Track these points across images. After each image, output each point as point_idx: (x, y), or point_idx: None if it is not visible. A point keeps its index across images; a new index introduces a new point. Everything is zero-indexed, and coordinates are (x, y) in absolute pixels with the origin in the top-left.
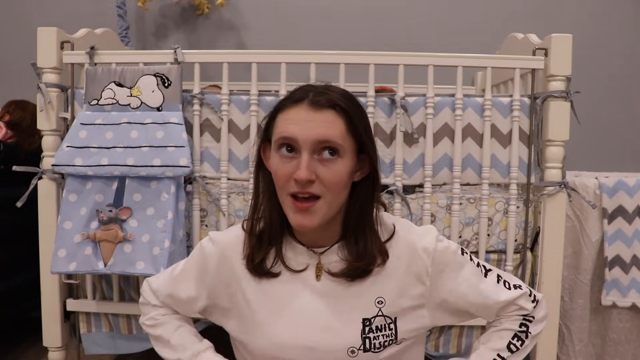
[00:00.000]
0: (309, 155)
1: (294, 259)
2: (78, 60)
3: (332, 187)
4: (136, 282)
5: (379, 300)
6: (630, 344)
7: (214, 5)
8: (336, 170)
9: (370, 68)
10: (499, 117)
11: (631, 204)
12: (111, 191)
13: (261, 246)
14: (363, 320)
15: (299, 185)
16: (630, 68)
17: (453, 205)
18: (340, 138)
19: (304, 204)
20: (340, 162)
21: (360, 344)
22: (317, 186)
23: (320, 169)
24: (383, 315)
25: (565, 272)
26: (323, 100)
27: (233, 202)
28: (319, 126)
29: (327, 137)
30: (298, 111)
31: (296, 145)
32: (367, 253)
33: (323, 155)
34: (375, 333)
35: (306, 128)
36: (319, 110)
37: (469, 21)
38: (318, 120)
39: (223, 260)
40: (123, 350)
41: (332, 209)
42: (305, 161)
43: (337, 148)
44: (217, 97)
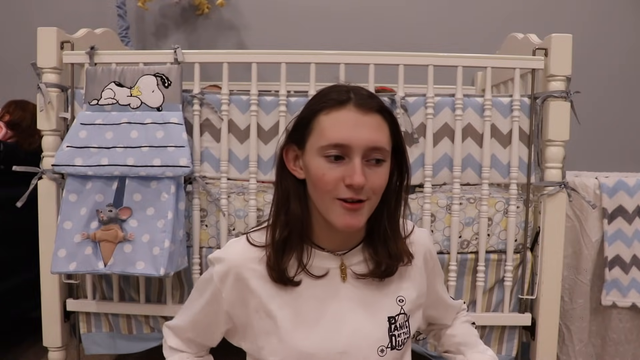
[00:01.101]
0: (358, 161)
1: (316, 265)
2: (78, 60)
3: (378, 191)
4: (136, 282)
5: (400, 299)
6: (630, 344)
7: (214, 5)
8: (382, 175)
9: (370, 68)
10: (499, 117)
11: (631, 204)
12: (111, 191)
13: (284, 252)
14: (388, 319)
15: (353, 191)
16: (630, 68)
17: (453, 205)
18: (386, 143)
19: (354, 205)
20: (385, 166)
21: (388, 342)
22: (366, 190)
23: (368, 173)
24: (404, 313)
25: (565, 272)
26: (372, 104)
27: (233, 202)
28: (370, 131)
29: (378, 142)
30: (346, 114)
31: (348, 150)
32: (397, 253)
33: (372, 160)
34: (399, 330)
35: (358, 132)
36: (367, 113)
37: (469, 21)
38: (368, 124)
39: (235, 281)
40: (123, 350)
41: (372, 211)
42: (357, 167)
43: (384, 154)
44: (217, 97)
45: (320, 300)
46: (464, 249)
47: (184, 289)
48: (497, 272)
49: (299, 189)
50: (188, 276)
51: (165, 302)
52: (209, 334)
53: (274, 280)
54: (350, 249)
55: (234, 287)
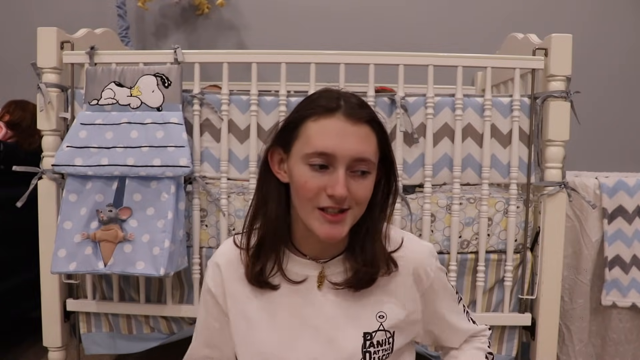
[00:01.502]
0: (343, 172)
1: (294, 271)
2: (78, 60)
3: (362, 201)
4: (136, 282)
5: (380, 315)
6: (630, 344)
7: (214, 5)
8: (366, 186)
9: (370, 68)
10: (499, 117)
11: (631, 204)
12: (111, 191)
13: (260, 254)
14: (364, 335)
15: (334, 201)
16: (630, 68)
17: (453, 205)
18: (373, 154)
19: (335, 216)
20: (369, 178)
21: (360, 358)
22: (348, 201)
23: (352, 184)
24: (384, 330)
25: (565, 272)
26: (362, 114)
27: (233, 202)
28: (357, 142)
29: (363, 154)
30: (334, 123)
31: (332, 160)
32: (373, 260)
33: (356, 172)
34: (376, 347)
35: (344, 143)
36: (356, 124)
37: (469, 21)
38: (356, 135)
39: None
40: (123, 350)
41: (355, 221)
42: (341, 178)
43: (370, 166)
44: (217, 97)
45: (296, 308)
46: (464, 249)
47: (184, 289)
48: (497, 272)
49: (280, 192)
50: (188, 276)
51: (165, 302)
52: (222, 342)
53: (250, 282)
54: (332, 258)
55: (219, 284)
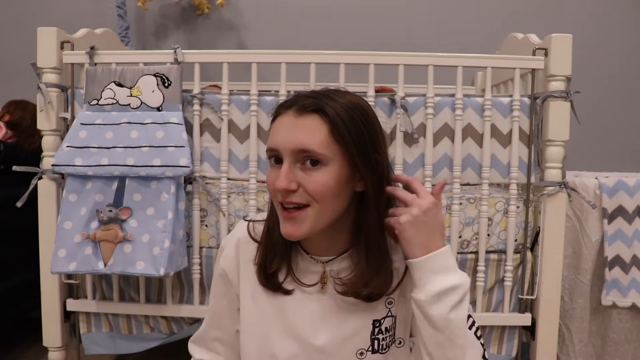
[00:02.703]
0: (288, 165)
1: (303, 269)
2: (78, 60)
3: (317, 195)
4: (136, 282)
5: (389, 301)
6: (630, 344)
7: (214, 5)
8: (319, 179)
9: (370, 68)
10: (499, 117)
11: (631, 204)
12: (111, 191)
13: (274, 256)
14: (373, 322)
15: (282, 195)
16: (630, 68)
17: (453, 205)
18: (321, 146)
19: (291, 213)
20: (325, 171)
21: (369, 345)
22: (300, 195)
23: (302, 177)
24: (392, 316)
25: (565, 272)
26: (308, 104)
27: (233, 202)
28: (299, 134)
29: (305, 145)
30: (284, 118)
31: (279, 154)
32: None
33: (305, 164)
34: (384, 334)
35: (287, 136)
36: (302, 115)
37: (469, 21)
38: (300, 127)
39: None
40: (123, 350)
41: (324, 218)
42: (283, 170)
43: (319, 157)
44: (217, 97)
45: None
46: (464, 249)
47: (184, 289)
48: (497, 272)
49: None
50: (188, 276)
51: (165, 302)
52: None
53: (263, 285)
54: (337, 256)
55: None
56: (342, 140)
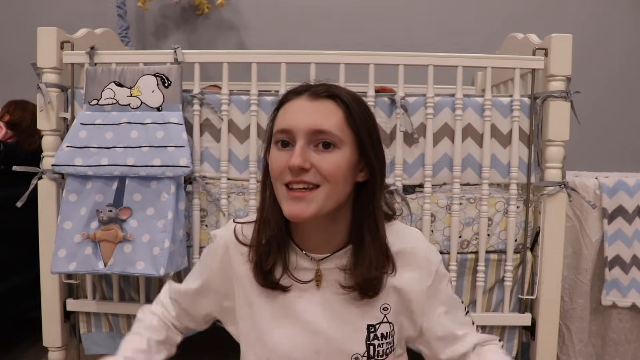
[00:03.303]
0: (303, 143)
1: (297, 266)
2: (78, 60)
3: (330, 176)
4: (136, 282)
5: (385, 307)
6: (630, 344)
7: (214, 5)
8: (332, 160)
9: (370, 68)
10: (499, 117)
11: (631, 204)
12: (111, 191)
13: (269, 252)
14: (368, 327)
15: (293, 174)
16: (630, 68)
17: (453, 205)
18: (337, 128)
19: (299, 193)
20: (338, 153)
21: (365, 351)
22: (312, 175)
23: (315, 157)
24: (388, 322)
25: (565, 272)
26: (322, 90)
27: (233, 202)
28: (316, 115)
29: (321, 125)
30: (297, 102)
31: (292, 135)
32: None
33: (319, 146)
34: (380, 340)
35: (302, 117)
36: (317, 99)
37: (469, 21)
38: (315, 109)
39: (226, 256)
40: None
41: (330, 202)
42: (299, 148)
43: (334, 139)
44: (217, 97)
45: (297, 301)
46: (464, 249)
47: None
48: (497, 272)
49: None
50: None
51: None
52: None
53: (260, 284)
54: (332, 254)
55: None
56: (355, 126)
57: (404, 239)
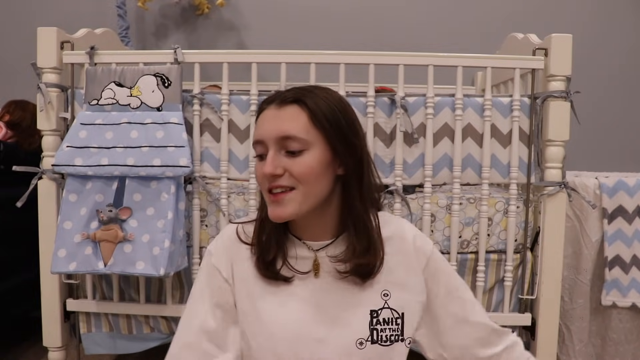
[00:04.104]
0: (273, 152)
1: (296, 256)
2: (78, 60)
3: (303, 178)
4: (136, 282)
5: (385, 293)
6: (630, 344)
7: (214, 5)
8: (303, 162)
9: (370, 68)
10: (499, 117)
11: (631, 204)
12: (111, 191)
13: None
14: (370, 312)
15: (269, 180)
16: (630, 68)
17: (453, 205)
18: (302, 131)
19: (277, 196)
20: (308, 155)
21: (368, 335)
22: (287, 178)
23: (286, 162)
24: (390, 308)
25: (565, 272)
26: (288, 96)
27: (233, 202)
28: (280, 122)
29: (287, 132)
30: (267, 113)
31: (264, 145)
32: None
33: (288, 149)
34: (383, 325)
35: (270, 126)
36: (283, 106)
37: (469, 21)
38: (280, 116)
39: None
40: (123, 350)
41: (309, 201)
42: (269, 157)
43: (300, 142)
44: (217, 97)
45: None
46: (464, 249)
47: (184, 289)
48: (497, 272)
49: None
50: (188, 276)
51: (165, 302)
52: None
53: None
54: (329, 244)
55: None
56: (321, 125)
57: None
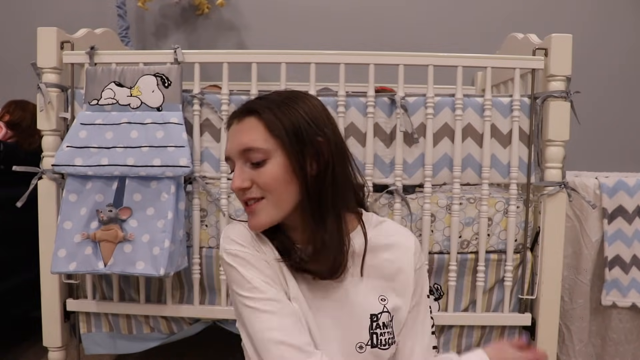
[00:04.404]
0: (239, 166)
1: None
2: (78, 60)
3: (269, 187)
4: (136, 282)
5: (382, 298)
6: (630, 344)
7: (214, 5)
8: (267, 172)
9: (370, 68)
10: (499, 117)
11: (631, 204)
12: (111, 191)
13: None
14: (371, 316)
15: (240, 194)
16: (630, 68)
17: (453, 205)
18: (260, 141)
19: (250, 207)
20: (271, 163)
21: (368, 340)
22: (255, 190)
23: (253, 174)
24: (388, 312)
25: (565, 272)
26: (243, 110)
27: (233, 202)
28: (240, 136)
29: (246, 144)
30: (231, 128)
31: (232, 161)
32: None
33: (252, 162)
34: (382, 329)
35: (232, 142)
36: (241, 120)
37: (469, 21)
38: (239, 130)
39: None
40: (123, 350)
41: (282, 207)
42: (235, 171)
43: (261, 152)
44: (217, 97)
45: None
46: (464, 249)
47: (184, 289)
48: (497, 272)
49: None
50: (188, 276)
51: (165, 302)
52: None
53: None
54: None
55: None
56: (278, 133)
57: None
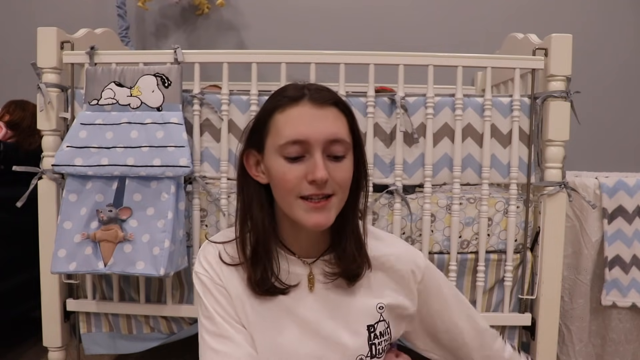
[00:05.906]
0: (319, 156)
1: (288, 272)
2: (78, 60)
3: (343, 184)
4: (136, 282)
5: (380, 306)
6: (630, 344)
7: (214, 5)
8: (346, 168)
9: (370, 68)
10: (499, 117)
11: (631, 204)
12: (111, 191)
13: (258, 261)
14: (368, 327)
15: (317, 187)
16: (630, 68)
17: (453, 205)
18: (346, 135)
19: (320, 203)
20: (347, 160)
21: (368, 351)
22: (330, 185)
23: (331, 167)
24: (384, 321)
25: (565, 272)
26: (327, 97)
27: (233, 202)
28: (328, 123)
29: (337, 135)
30: (301, 110)
31: (307, 146)
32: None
33: (333, 153)
34: (379, 338)
35: (315, 126)
36: (322, 107)
37: (469, 21)
38: (325, 117)
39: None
40: (123, 350)
41: (341, 207)
42: (320, 161)
43: (345, 147)
44: (217, 97)
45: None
46: (464, 249)
47: (184, 289)
48: (497, 272)
49: (261, 194)
50: (188, 276)
51: (165, 302)
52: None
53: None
54: (320, 256)
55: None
56: (357, 133)
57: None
